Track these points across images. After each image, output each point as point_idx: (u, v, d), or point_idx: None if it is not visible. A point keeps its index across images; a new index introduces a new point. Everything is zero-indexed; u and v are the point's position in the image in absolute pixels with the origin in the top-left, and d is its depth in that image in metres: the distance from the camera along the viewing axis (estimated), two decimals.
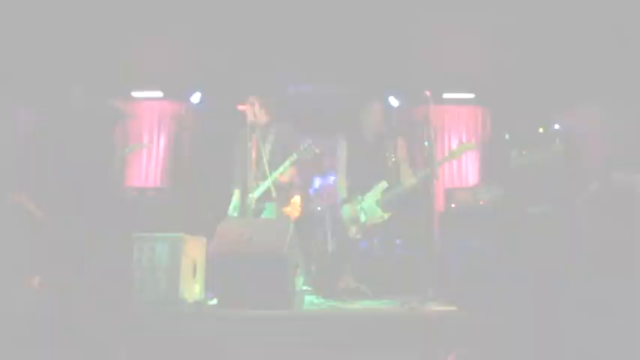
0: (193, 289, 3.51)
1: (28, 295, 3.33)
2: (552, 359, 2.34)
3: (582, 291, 2.64)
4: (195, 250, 3.57)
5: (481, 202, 5.46)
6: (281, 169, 4.04)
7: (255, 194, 4.02)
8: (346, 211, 4.09)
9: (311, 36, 5.37)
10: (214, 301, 3.27)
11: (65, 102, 3.91)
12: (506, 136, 5.11)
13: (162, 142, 6.69)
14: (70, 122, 3.76)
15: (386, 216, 3.99)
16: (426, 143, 3.81)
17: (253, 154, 4.06)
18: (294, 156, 4.01)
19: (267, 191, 4.01)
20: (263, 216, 4.07)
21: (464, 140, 6.69)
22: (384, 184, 4.03)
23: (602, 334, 2.40)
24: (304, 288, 3.53)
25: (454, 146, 6.29)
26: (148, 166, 6.62)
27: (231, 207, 4.24)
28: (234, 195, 4.26)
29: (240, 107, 4.16)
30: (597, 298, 2.60)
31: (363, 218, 4.03)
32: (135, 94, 6.53)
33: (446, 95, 6.64)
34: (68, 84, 3.93)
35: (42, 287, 3.41)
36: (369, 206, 4.03)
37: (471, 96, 6.68)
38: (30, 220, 3.59)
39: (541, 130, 4.83)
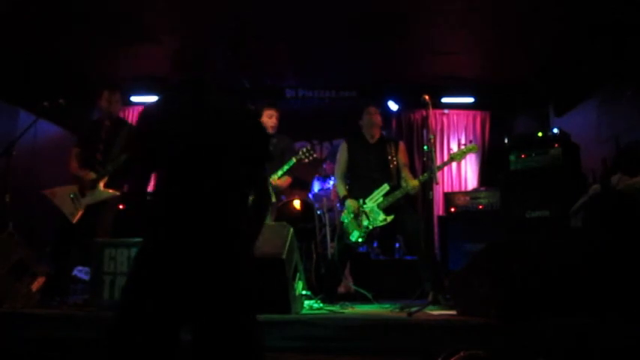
0: None
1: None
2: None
3: (584, 294, 2.63)
4: None
5: (480, 207, 5.46)
6: (279, 172, 4.10)
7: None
8: (347, 215, 4.08)
9: (310, 40, 5.38)
10: None
11: None
12: (505, 140, 5.09)
13: None
14: None
15: (389, 219, 3.97)
16: (425, 147, 3.81)
17: None
18: (293, 160, 4.08)
19: None
20: None
21: (463, 144, 6.69)
22: (385, 187, 4.02)
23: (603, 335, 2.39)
24: (304, 292, 3.51)
25: (454, 150, 6.29)
26: None
27: None
28: None
29: None
30: (598, 300, 2.60)
31: (365, 222, 4.01)
32: (134, 98, 6.54)
33: (445, 99, 6.65)
34: None
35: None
36: (372, 210, 4.01)
37: (471, 100, 6.70)
38: None
39: (540, 134, 4.83)
